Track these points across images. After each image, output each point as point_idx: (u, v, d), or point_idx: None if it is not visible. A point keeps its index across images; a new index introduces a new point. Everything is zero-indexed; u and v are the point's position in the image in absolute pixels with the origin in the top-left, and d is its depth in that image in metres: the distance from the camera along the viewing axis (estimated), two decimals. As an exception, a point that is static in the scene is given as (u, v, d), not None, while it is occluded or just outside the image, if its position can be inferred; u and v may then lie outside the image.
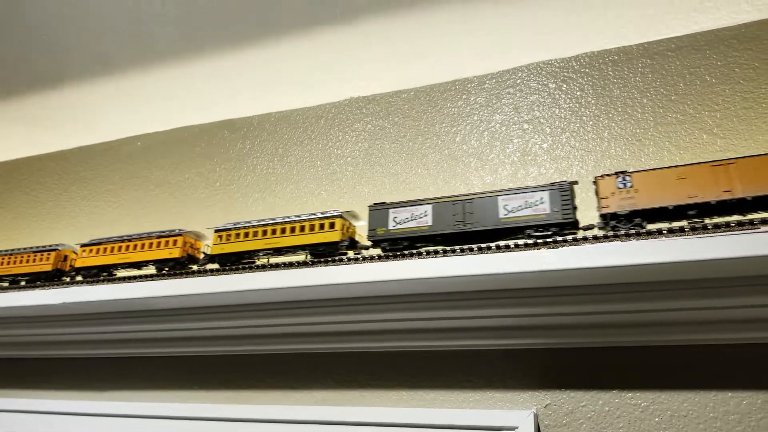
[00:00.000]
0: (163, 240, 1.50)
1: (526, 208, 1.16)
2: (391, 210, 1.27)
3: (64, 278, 1.62)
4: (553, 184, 1.16)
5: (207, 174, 1.82)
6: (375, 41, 1.63)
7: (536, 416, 1.11)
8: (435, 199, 1.25)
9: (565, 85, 1.44)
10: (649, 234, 1.02)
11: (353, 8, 1.56)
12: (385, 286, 1.14)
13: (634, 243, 0.97)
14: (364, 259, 1.23)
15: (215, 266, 1.42)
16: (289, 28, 1.65)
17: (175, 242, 1.49)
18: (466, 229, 1.19)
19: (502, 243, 1.13)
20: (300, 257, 1.40)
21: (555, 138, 1.40)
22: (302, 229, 1.36)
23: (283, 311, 1.26)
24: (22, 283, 1.64)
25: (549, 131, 1.41)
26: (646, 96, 1.36)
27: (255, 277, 1.22)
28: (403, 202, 1.27)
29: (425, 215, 1.24)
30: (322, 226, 1.34)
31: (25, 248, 1.68)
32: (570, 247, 1.02)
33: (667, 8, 1.37)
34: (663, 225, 1.07)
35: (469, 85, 1.56)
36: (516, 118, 1.46)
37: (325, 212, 1.35)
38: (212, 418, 1.31)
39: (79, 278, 1.59)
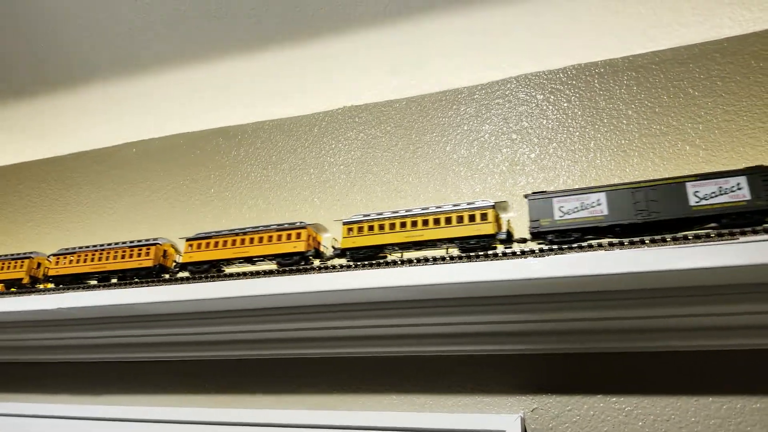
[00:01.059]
0: (284, 233, 1.39)
1: (721, 194, 1.06)
2: (555, 199, 1.17)
3: (164, 275, 1.53)
4: (751, 168, 1.07)
5: (201, 180, 1.84)
6: (368, 52, 1.66)
7: (523, 420, 1.14)
8: (609, 186, 1.15)
9: (552, 97, 1.48)
10: (632, 244, 1.05)
11: (347, 19, 1.59)
12: (375, 294, 1.17)
13: (615, 252, 1.01)
14: (364, 266, 1.25)
15: (342, 261, 1.35)
16: (283, 37, 1.68)
17: (299, 235, 1.38)
18: (651, 219, 1.10)
19: (490, 252, 1.16)
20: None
21: (542, 148, 1.43)
22: (448, 221, 1.27)
23: (276, 317, 1.29)
24: (114, 281, 1.56)
25: (537, 141, 1.45)
26: (631, 108, 1.39)
27: (248, 284, 1.25)
28: (568, 191, 1.17)
29: (598, 204, 1.14)
30: (472, 218, 1.25)
31: (117, 243, 1.59)
32: (555, 255, 1.06)
33: (651, 22, 1.41)
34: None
35: (459, 96, 1.60)
36: (505, 129, 1.50)
37: (472, 202, 1.26)
38: (206, 422, 1.33)
39: (185, 274, 1.49)
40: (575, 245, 1.09)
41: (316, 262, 1.35)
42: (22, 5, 1.67)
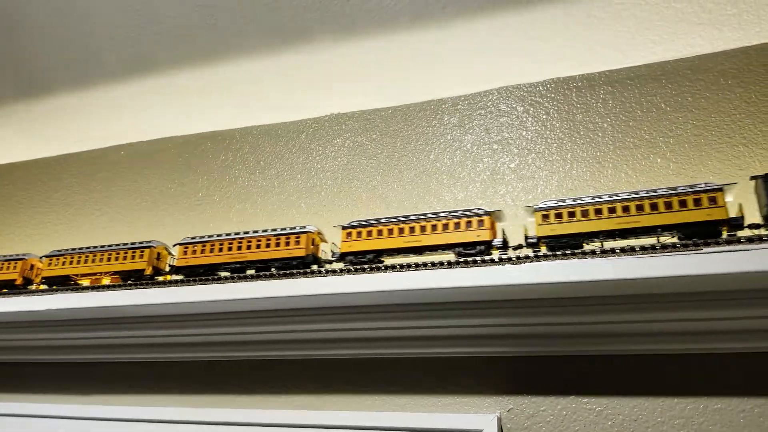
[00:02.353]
0: (464, 220, 1.33)
1: None
2: None
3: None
4: None
5: (190, 184, 1.87)
6: (355, 61, 1.70)
7: (500, 420, 1.19)
8: None
9: (532, 109, 1.54)
10: (604, 253, 1.11)
11: (335, 29, 1.63)
12: (360, 298, 1.21)
13: (588, 261, 1.06)
14: (349, 271, 1.30)
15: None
16: (272, 45, 1.71)
17: (481, 222, 1.29)
18: None
19: (469, 258, 1.21)
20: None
21: (522, 158, 1.49)
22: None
23: (262, 320, 1.33)
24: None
25: (516, 152, 1.50)
26: (606, 121, 1.45)
27: (237, 287, 1.29)
28: None
29: None
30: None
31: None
32: (531, 263, 1.11)
33: (627, 39, 1.47)
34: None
35: (443, 106, 1.65)
36: (486, 139, 1.55)
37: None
38: (193, 421, 1.37)
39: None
40: (550, 254, 1.15)
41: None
42: (3, 9, 1.69)
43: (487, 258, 1.20)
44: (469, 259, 1.21)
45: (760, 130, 1.32)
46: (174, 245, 1.54)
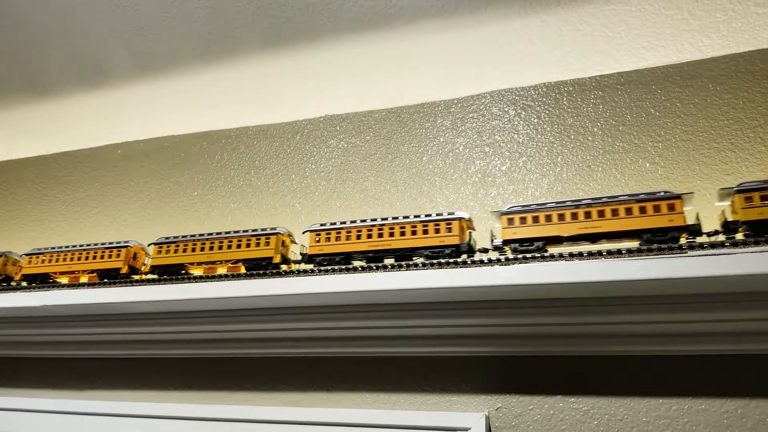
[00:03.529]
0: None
1: None
2: None
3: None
4: None
5: (185, 183, 1.89)
6: (350, 63, 1.72)
7: (488, 418, 1.21)
8: None
9: (523, 113, 1.56)
10: (591, 255, 1.13)
11: (331, 31, 1.65)
12: (348, 297, 1.23)
13: (575, 262, 1.08)
14: (334, 271, 1.32)
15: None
16: (268, 46, 1.73)
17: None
18: None
19: (459, 259, 1.23)
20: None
21: (513, 161, 1.51)
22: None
23: (253, 318, 1.34)
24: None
25: (508, 155, 1.52)
26: (596, 125, 1.48)
27: (229, 286, 1.31)
28: None
29: None
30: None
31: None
32: (519, 264, 1.13)
33: (618, 45, 1.50)
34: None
35: (436, 109, 1.67)
36: (478, 141, 1.57)
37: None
38: (185, 417, 1.38)
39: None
40: (538, 255, 1.17)
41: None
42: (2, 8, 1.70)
43: (477, 260, 1.21)
44: (459, 260, 1.23)
45: (747, 135, 1.35)
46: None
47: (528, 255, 1.18)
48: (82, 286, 1.54)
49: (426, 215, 1.33)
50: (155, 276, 1.52)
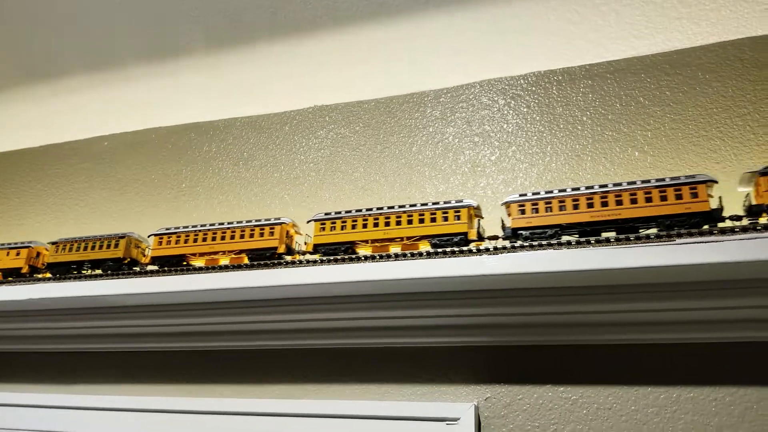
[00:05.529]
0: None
1: None
2: None
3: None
4: None
5: (173, 175, 1.87)
6: (339, 53, 1.71)
7: (477, 408, 1.21)
8: None
9: (513, 102, 1.55)
10: (579, 244, 1.13)
11: (319, 21, 1.64)
12: (335, 288, 1.23)
13: (564, 251, 1.08)
14: (322, 261, 1.31)
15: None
16: (256, 37, 1.72)
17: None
18: None
19: (448, 249, 1.22)
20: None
21: (502, 151, 1.50)
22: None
23: (243, 310, 1.34)
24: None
25: (497, 144, 1.51)
26: (585, 114, 1.47)
27: (222, 277, 1.30)
28: None
29: None
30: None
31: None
32: (508, 253, 1.12)
33: (607, 33, 1.49)
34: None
35: (425, 99, 1.66)
36: (468, 131, 1.56)
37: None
38: (175, 410, 1.38)
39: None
40: (526, 245, 1.16)
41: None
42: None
43: (465, 249, 1.21)
44: (447, 250, 1.22)
45: (736, 123, 1.34)
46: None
47: (516, 244, 1.17)
48: (67, 279, 1.52)
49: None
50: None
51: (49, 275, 1.59)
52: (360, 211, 1.37)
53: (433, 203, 1.32)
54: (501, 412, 1.20)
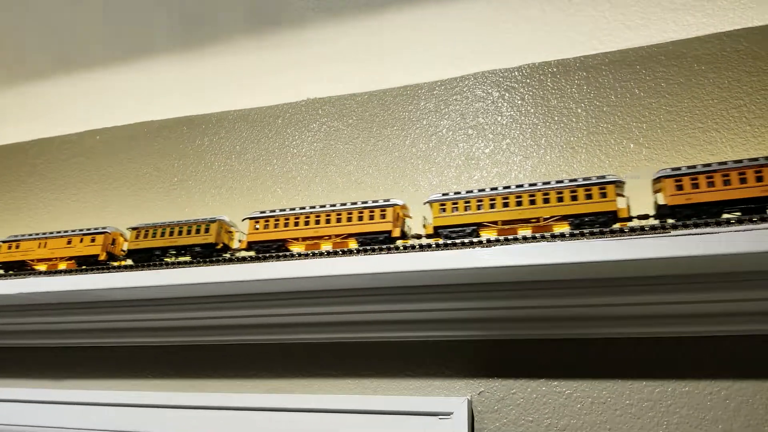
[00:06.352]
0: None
1: None
2: None
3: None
4: None
5: (165, 169, 1.86)
6: (332, 45, 1.70)
7: (470, 403, 1.20)
8: None
9: (507, 94, 1.53)
10: (572, 236, 1.11)
11: (311, 13, 1.62)
12: (336, 281, 1.21)
13: (557, 243, 1.06)
14: (314, 255, 1.29)
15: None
16: (248, 29, 1.70)
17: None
18: None
19: (441, 242, 1.21)
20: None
21: (497, 144, 1.49)
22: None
23: (230, 304, 1.33)
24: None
25: (491, 137, 1.50)
26: (580, 107, 1.46)
27: (198, 271, 1.28)
28: None
29: None
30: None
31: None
32: (501, 246, 1.11)
33: (602, 25, 1.48)
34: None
35: (419, 91, 1.64)
36: (462, 124, 1.55)
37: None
38: (164, 405, 1.37)
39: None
40: (519, 237, 1.15)
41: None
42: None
43: (458, 242, 1.20)
44: (440, 242, 1.21)
45: (732, 115, 1.33)
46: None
47: (501, 238, 1.16)
48: (59, 273, 1.50)
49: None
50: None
51: (129, 262, 1.51)
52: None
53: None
54: (494, 407, 1.19)
